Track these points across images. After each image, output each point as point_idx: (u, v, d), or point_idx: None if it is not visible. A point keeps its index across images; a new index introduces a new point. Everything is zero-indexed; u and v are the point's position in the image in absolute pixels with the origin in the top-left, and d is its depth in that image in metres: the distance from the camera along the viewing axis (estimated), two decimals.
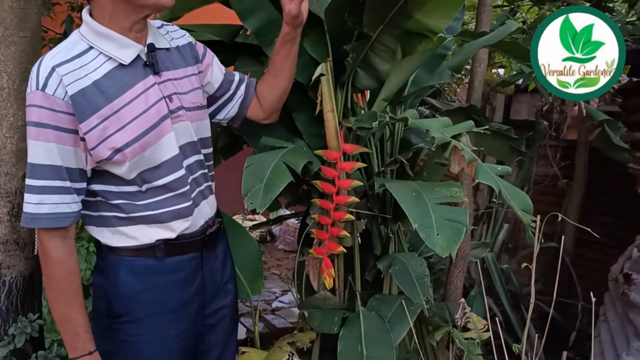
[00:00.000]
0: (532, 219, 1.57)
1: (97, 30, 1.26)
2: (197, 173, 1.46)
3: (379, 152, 2.00)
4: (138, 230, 1.36)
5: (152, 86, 1.32)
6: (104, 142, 1.25)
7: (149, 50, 1.33)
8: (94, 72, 1.24)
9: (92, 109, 1.23)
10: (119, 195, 1.33)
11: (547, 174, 3.99)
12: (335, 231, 1.81)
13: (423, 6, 1.62)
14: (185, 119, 1.40)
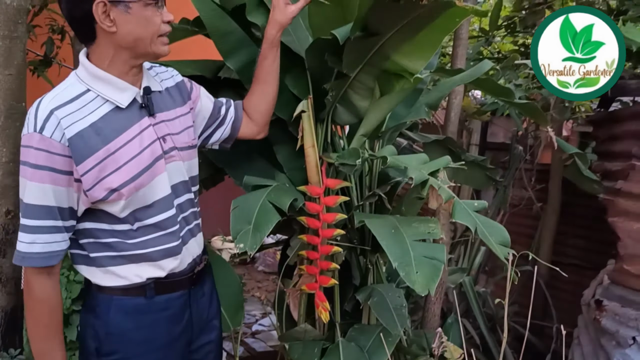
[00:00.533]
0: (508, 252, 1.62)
1: (95, 74, 1.30)
2: (188, 212, 1.50)
3: (358, 186, 2.04)
4: (128, 269, 1.38)
5: (147, 128, 1.36)
6: (100, 183, 1.28)
7: (144, 93, 1.37)
8: (91, 115, 1.27)
9: (89, 151, 1.26)
10: (111, 234, 1.35)
11: (522, 197, 4.07)
12: (325, 265, 1.85)
13: (400, 48, 1.67)
14: (177, 158, 1.44)
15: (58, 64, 4.05)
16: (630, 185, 2.33)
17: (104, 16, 1.24)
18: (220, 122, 1.70)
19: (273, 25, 1.62)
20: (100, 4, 1.23)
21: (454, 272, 2.96)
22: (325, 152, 1.95)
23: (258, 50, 1.87)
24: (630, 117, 2.47)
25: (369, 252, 2.08)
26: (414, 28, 1.59)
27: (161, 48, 1.34)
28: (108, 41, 1.28)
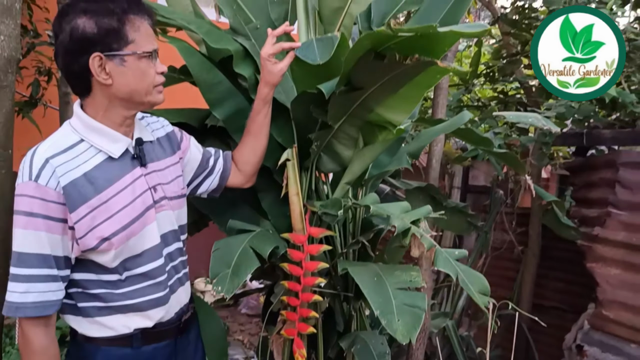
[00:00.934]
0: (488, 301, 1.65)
1: (89, 125, 1.32)
2: (177, 260, 1.51)
3: (341, 233, 2.07)
4: (116, 320, 1.37)
5: (139, 178, 1.38)
6: (92, 231, 1.28)
7: (137, 144, 1.40)
8: (84, 164, 1.30)
9: (82, 199, 1.27)
10: (99, 284, 1.35)
11: (504, 240, 4.12)
12: (305, 312, 1.86)
13: (383, 102, 1.72)
14: (167, 208, 1.46)
15: (44, 105, 4.08)
16: (606, 232, 2.39)
17: (100, 69, 1.27)
18: (209, 172, 1.72)
19: (264, 84, 1.67)
20: (97, 57, 1.25)
21: (437, 317, 2.97)
22: (309, 200, 1.98)
23: (244, 100, 1.92)
24: (605, 165, 2.55)
25: (353, 299, 2.09)
26: (396, 83, 1.64)
27: (157, 97, 1.38)
28: (103, 93, 1.31)
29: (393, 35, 1.40)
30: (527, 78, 3.75)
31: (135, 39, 1.29)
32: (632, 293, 2.30)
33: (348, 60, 1.51)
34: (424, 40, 1.43)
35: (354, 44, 1.46)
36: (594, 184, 2.68)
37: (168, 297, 1.44)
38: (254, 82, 1.88)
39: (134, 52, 1.28)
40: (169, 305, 1.45)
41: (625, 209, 2.35)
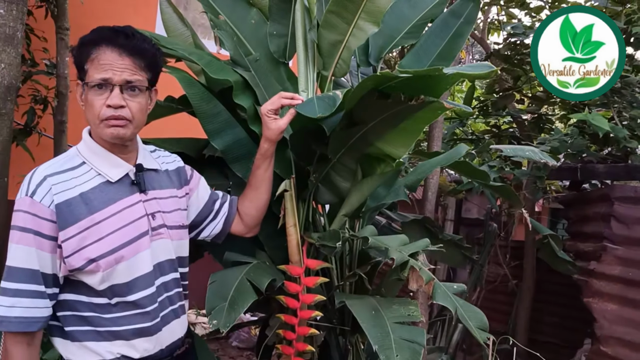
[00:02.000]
0: (487, 337, 1.64)
1: (92, 148, 1.37)
2: (173, 291, 1.46)
3: (338, 265, 2.05)
4: (101, 345, 1.34)
5: (136, 203, 1.38)
6: (79, 252, 1.28)
7: (137, 170, 1.41)
8: (82, 185, 1.32)
9: (74, 219, 1.28)
10: (89, 307, 1.34)
11: (498, 273, 4.11)
12: (301, 346, 1.83)
13: (383, 136, 1.74)
14: (165, 236, 1.44)
15: (38, 134, 4.07)
16: (602, 266, 2.39)
17: (79, 95, 1.36)
18: (214, 216, 1.69)
19: (264, 140, 1.66)
20: (79, 84, 1.35)
21: (432, 351, 2.94)
22: (306, 231, 1.97)
23: (243, 131, 1.93)
24: (600, 200, 2.56)
25: (349, 333, 2.07)
26: (397, 118, 1.66)
27: (104, 130, 1.32)
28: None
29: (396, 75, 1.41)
30: (520, 112, 3.80)
31: (89, 69, 1.32)
32: (629, 329, 2.28)
33: (350, 99, 1.52)
34: (427, 80, 1.45)
35: (357, 85, 1.47)
36: (588, 218, 2.69)
37: (158, 328, 1.40)
38: (253, 113, 1.89)
39: (84, 82, 1.33)
40: (157, 337, 1.40)
41: (621, 244, 2.36)
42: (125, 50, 1.32)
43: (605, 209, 2.43)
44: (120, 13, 4.64)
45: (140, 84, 1.34)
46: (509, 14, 4.11)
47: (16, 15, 1.69)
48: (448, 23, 2.29)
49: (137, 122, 1.36)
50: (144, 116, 1.40)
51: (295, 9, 2.08)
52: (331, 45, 2.02)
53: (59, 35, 3.62)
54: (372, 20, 1.95)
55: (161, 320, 1.41)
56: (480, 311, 1.66)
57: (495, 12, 4.56)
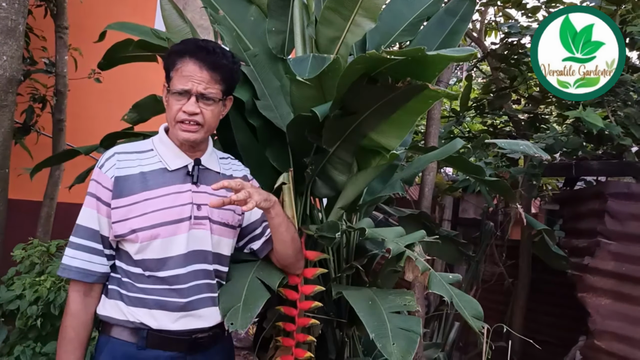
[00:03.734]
0: (482, 326, 1.65)
1: (163, 140, 1.56)
2: (202, 281, 1.53)
3: (335, 258, 2.07)
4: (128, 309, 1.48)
5: (186, 192, 1.52)
6: (124, 221, 1.46)
7: (195, 164, 1.55)
8: (145, 166, 1.51)
9: (128, 191, 1.47)
10: (126, 274, 1.49)
11: (494, 272, 4.13)
12: (301, 337, 1.84)
13: (377, 127, 1.76)
14: (206, 228, 1.54)
15: (37, 132, 4.08)
16: (596, 261, 2.41)
17: (163, 94, 1.55)
18: (258, 235, 1.70)
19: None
20: (164, 85, 1.54)
21: (429, 347, 2.95)
22: (304, 224, 1.99)
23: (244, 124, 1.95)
24: (594, 196, 2.59)
25: (346, 325, 2.08)
26: (389, 108, 1.69)
27: (178, 132, 1.51)
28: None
29: (384, 58, 1.44)
30: (517, 112, 3.83)
31: (173, 77, 1.50)
32: (623, 323, 2.30)
33: (341, 83, 1.55)
34: (415, 65, 1.47)
35: (347, 66, 1.50)
36: (582, 215, 2.71)
37: (183, 308, 1.49)
38: (251, 106, 1.91)
39: (167, 88, 1.52)
40: (179, 316, 1.48)
41: (615, 239, 2.38)
42: (205, 65, 1.48)
43: (599, 206, 2.46)
44: (119, 12, 4.66)
45: (214, 96, 1.50)
46: (505, 15, 4.15)
47: (18, 8, 1.71)
48: (444, 21, 2.33)
49: (208, 127, 1.53)
50: (216, 122, 1.57)
51: (294, 5, 2.12)
52: (329, 41, 2.05)
53: (58, 34, 3.65)
54: (369, 17, 1.98)
55: (187, 304, 1.49)
56: (476, 301, 1.68)
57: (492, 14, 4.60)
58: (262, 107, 1.93)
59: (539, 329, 3.98)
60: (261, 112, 1.93)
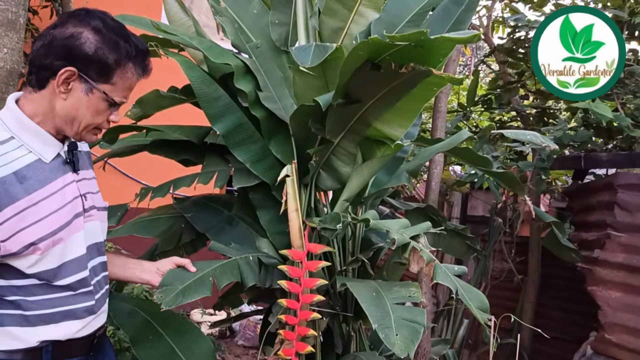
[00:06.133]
0: (488, 318, 1.63)
1: (24, 123, 1.24)
2: (100, 275, 1.41)
3: (340, 251, 2.05)
4: (26, 331, 1.25)
5: (70, 183, 1.31)
6: (16, 235, 1.18)
7: (69, 148, 1.33)
8: (15, 162, 1.20)
9: (9, 199, 1.16)
10: (10, 290, 1.23)
11: (503, 269, 4.09)
12: (303, 331, 1.82)
13: (381, 116, 1.74)
14: (95, 218, 1.38)
15: None
16: (606, 254, 2.37)
17: (64, 82, 1.22)
18: None
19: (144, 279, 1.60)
20: (70, 72, 1.20)
21: (438, 344, 2.92)
22: (308, 217, 1.97)
23: (244, 116, 1.94)
24: (603, 188, 2.55)
25: (352, 319, 2.06)
26: (393, 96, 1.66)
27: (89, 136, 1.31)
28: (51, 101, 1.24)
29: (387, 44, 1.42)
30: (524, 107, 3.79)
31: (116, 83, 1.26)
32: (633, 316, 2.26)
33: (344, 70, 1.53)
34: (419, 51, 1.45)
35: (349, 52, 1.48)
36: (592, 208, 2.67)
37: (92, 311, 1.34)
38: (254, 98, 1.90)
39: (105, 93, 1.25)
40: (90, 319, 1.34)
41: (625, 231, 2.34)
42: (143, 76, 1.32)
43: (609, 197, 2.42)
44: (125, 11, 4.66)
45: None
46: (512, 10, 4.11)
47: (18, 0, 1.70)
48: (449, 10, 2.30)
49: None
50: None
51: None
52: (333, 32, 2.03)
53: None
54: (373, 6, 1.96)
55: (95, 304, 1.35)
56: (481, 292, 1.65)
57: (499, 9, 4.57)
58: (265, 98, 1.92)
59: (549, 325, 3.94)
60: (264, 104, 1.91)
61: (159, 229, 2.24)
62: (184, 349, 1.86)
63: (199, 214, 2.15)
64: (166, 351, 1.83)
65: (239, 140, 1.91)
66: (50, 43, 1.22)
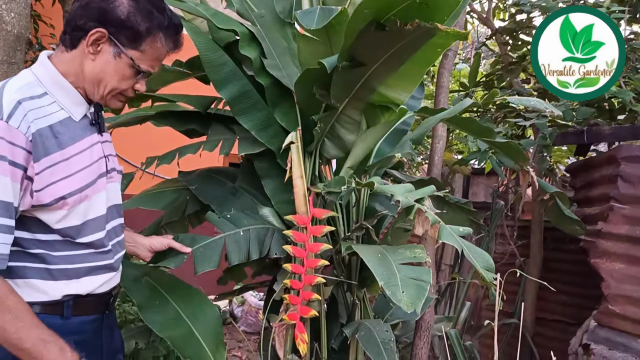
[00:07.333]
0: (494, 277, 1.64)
1: (57, 80, 1.27)
2: (121, 237, 1.45)
3: (344, 219, 2.06)
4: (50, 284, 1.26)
5: (96, 144, 1.35)
6: (49, 187, 1.21)
7: (95, 110, 1.36)
8: (50, 116, 1.23)
9: (45, 151, 1.20)
10: (35, 244, 1.25)
11: (505, 252, 4.10)
12: (307, 295, 1.83)
13: (385, 80, 1.75)
14: (115, 180, 1.43)
15: None
16: (610, 226, 2.38)
17: (94, 43, 1.25)
18: None
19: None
20: (100, 33, 1.24)
21: (440, 321, 2.93)
22: (312, 185, 1.98)
23: (249, 83, 1.94)
24: (606, 162, 2.56)
25: (356, 288, 2.07)
26: (398, 59, 1.67)
27: (113, 101, 1.35)
28: (81, 61, 1.28)
29: (392, 1, 1.43)
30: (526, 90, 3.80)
31: (145, 51, 1.30)
32: (637, 287, 2.27)
33: (349, 30, 1.54)
34: (424, 8, 1.46)
35: (353, 11, 1.48)
36: (595, 182, 2.68)
37: (111, 267, 1.38)
38: (259, 64, 1.91)
39: (132, 59, 1.28)
40: (109, 276, 1.38)
41: (628, 203, 2.35)
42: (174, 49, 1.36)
43: (612, 170, 2.43)
44: None
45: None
46: None
47: None
48: None
49: None
50: None
51: None
52: (337, 2, 2.03)
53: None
54: None
55: (115, 262, 1.40)
56: (486, 253, 1.66)
57: None
58: (270, 66, 1.92)
59: (551, 308, 3.95)
60: (269, 71, 1.92)
61: (164, 201, 2.25)
62: (190, 314, 1.87)
63: (203, 186, 2.16)
64: (172, 316, 1.83)
65: (244, 107, 1.92)
66: (87, 4, 1.26)
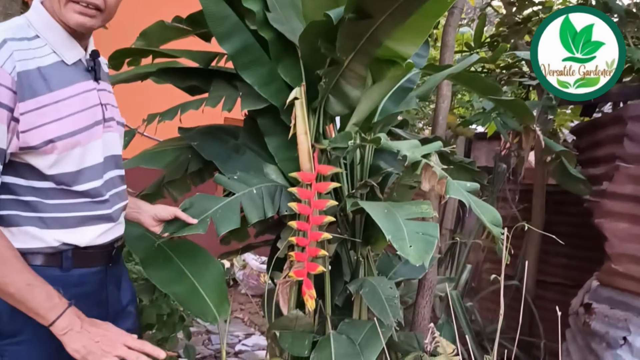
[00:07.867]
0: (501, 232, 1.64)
1: (47, 22, 1.24)
2: (120, 188, 1.43)
3: (349, 177, 2.04)
4: (45, 232, 1.24)
5: (91, 90, 1.32)
6: (37, 129, 1.18)
7: (91, 56, 1.33)
8: (39, 59, 1.20)
9: (32, 92, 1.17)
10: (29, 191, 1.23)
11: (506, 215, 4.10)
12: (314, 251, 1.83)
13: (392, 34, 1.70)
14: (114, 131, 1.40)
15: None
16: (615, 186, 2.37)
17: None
18: None
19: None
20: None
21: (442, 281, 2.94)
22: (317, 142, 1.95)
23: (252, 37, 1.90)
24: (612, 122, 2.53)
25: (360, 245, 2.07)
26: (405, 12, 1.62)
27: (71, 15, 1.23)
28: None
29: None
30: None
31: None
32: None
33: None
34: None
35: None
36: (600, 143, 2.65)
37: (108, 218, 1.35)
38: (262, 18, 1.86)
39: None
40: (106, 227, 1.35)
41: (634, 162, 2.33)
42: None
43: (618, 130, 2.40)
44: None
45: None
46: None
47: None
48: None
49: (108, 14, 1.27)
50: (117, 7, 1.29)
51: None
52: None
53: None
54: None
55: (113, 212, 1.37)
56: (493, 207, 1.65)
57: None
58: (273, 19, 1.88)
59: (552, 271, 3.97)
60: (272, 25, 1.87)
61: (165, 160, 2.23)
62: (194, 272, 1.87)
63: (205, 143, 2.13)
64: (176, 273, 1.84)
65: (247, 62, 1.88)
66: None
